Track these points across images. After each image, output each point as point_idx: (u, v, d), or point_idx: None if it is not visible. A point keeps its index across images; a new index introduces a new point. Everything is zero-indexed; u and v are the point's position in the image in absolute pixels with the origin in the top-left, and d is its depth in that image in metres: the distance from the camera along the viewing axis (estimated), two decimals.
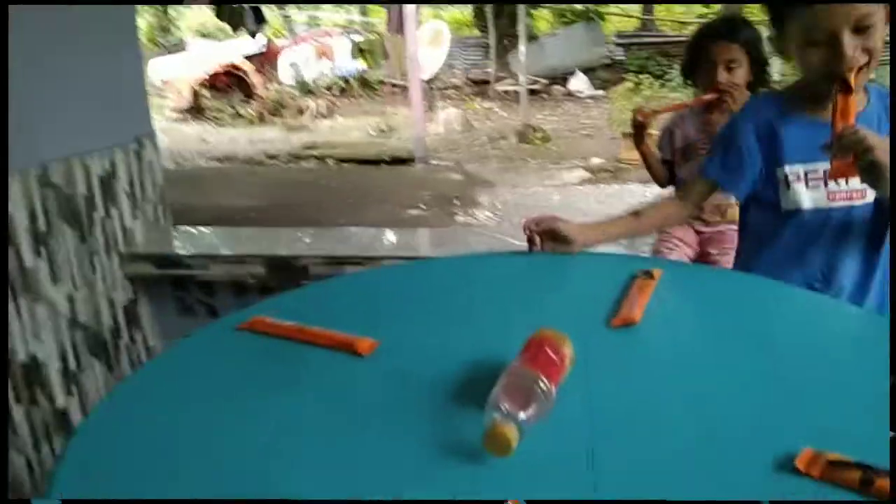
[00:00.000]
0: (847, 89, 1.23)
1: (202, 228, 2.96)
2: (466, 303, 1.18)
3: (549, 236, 1.34)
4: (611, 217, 1.46)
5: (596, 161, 7.86)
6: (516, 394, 0.78)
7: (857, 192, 1.35)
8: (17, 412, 2.05)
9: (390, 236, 2.71)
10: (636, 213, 1.44)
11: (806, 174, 1.37)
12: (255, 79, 11.76)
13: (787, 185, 1.37)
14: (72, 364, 2.24)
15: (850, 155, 1.18)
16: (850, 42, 1.22)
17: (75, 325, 2.25)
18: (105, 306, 2.38)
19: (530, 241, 1.35)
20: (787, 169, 1.37)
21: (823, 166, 1.33)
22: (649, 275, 1.23)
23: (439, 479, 0.70)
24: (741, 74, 1.98)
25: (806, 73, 1.35)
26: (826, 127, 1.25)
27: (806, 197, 1.37)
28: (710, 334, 1.05)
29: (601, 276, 1.27)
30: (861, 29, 1.22)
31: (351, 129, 10.77)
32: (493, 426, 0.73)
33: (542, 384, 0.80)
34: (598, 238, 1.38)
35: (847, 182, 1.33)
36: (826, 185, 1.35)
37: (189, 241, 2.64)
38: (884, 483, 0.66)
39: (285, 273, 2.38)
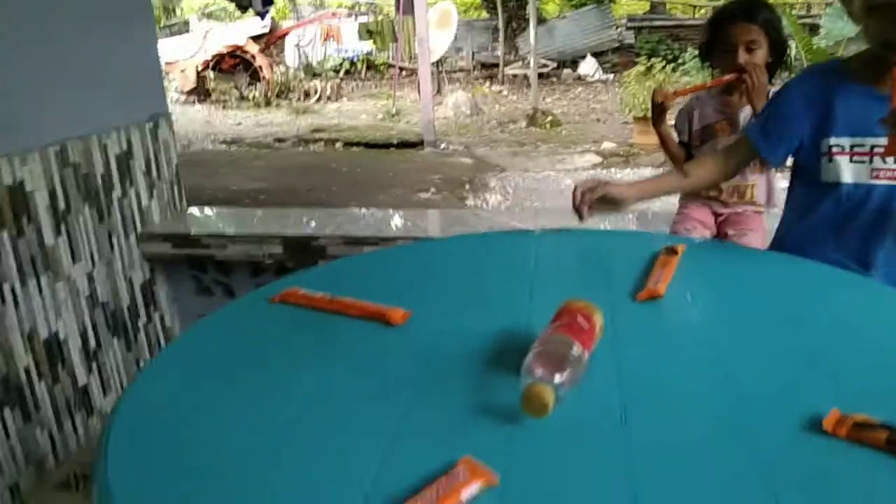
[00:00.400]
0: None
1: (216, 209, 2.98)
2: (494, 277, 1.19)
3: (599, 200, 1.29)
4: (655, 175, 1.45)
5: (608, 145, 7.83)
6: (550, 359, 0.80)
7: None
8: (40, 389, 2.08)
9: (402, 218, 2.71)
10: (684, 171, 1.42)
11: (852, 147, 1.31)
12: (261, 61, 11.73)
13: (830, 157, 1.32)
14: (91, 342, 2.27)
15: None
16: None
17: (95, 303, 2.27)
18: (123, 285, 2.40)
19: (579, 208, 1.29)
20: (833, 140, 1.32)
21: (872, 141, 1.28)
22: (672, 251, 1.25)
23: (477, 442, 0.71)
24: (761, 55, 1.97)
25: (867, 41, 1.28)
26: (883, 100, 1.19)
27: (847, 170, 1.31)
28: (733, 307, 1.07)
29: (625, 253, 1.28)
30: None
31: (358, 112, 10.76)
32: (531, 387, 0.75)
33: (575, 349, 0.81)
34: (644, 195, 1.34)
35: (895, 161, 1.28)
36: (871, 161, 1.29)
37: (203, 221, 2.66)
38: None
39: (303, 253, 2.39)
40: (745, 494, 0.64)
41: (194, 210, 2.75)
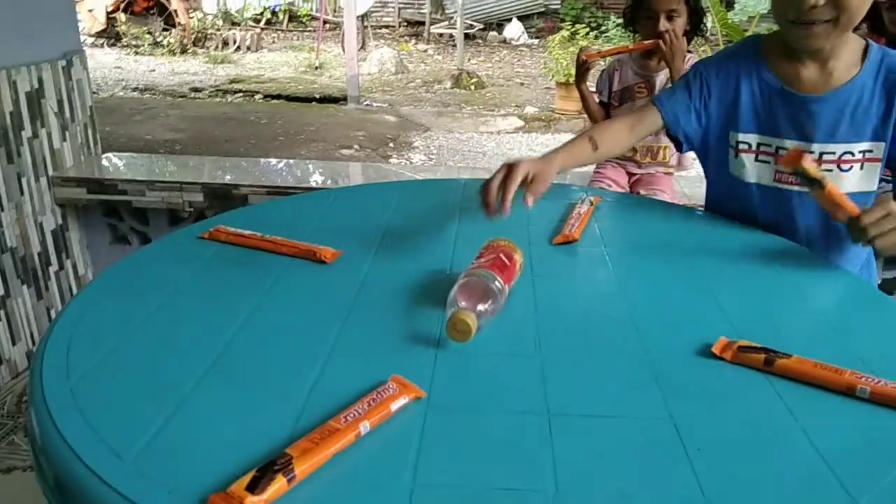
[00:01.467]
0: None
1: (133, 155, 2.88)
2: (421, 221, 1.23)
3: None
4: (568, 146, 1.25)
5: (530, 110, 7.95)
6: (474, 290, 0.86)
7: None
8: None
9: (324, 170, 2.71)
10: (593, 143, 1.24)
11: (759, 145, 1.25)
12: (176, 5, 11.16)
13: (737, 153, 1.27)
14: (0, 289, 2.19)
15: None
16: None
17: (3, 248, 2.18)
18: (34, 231, 2.31)
19: (501, 206, 1.07)
20: (741, 136, 1.25)
21: (778, 143, 1.22)
22: (589, 202, 1.32)
23: (406, 364, 0.77)
24: (680, 24, 2.08)
25: (775, 18, 1.17)
26: (794, 100, 1.17)
27: (752, 169, 1.26)
28: (639, 250, 1.16)
29: (545, 203, 1.35)
30: None
31: (279, 64, 10.46)
32: (455, 314, 0.80)
33: (496, 283, 0.88)
34: (561, 168, 1.20)
35: None
36: (776, 163, 1.23)
37: (120, 167, 2.57)
38: (782, 363, 0.78)
39: (224, 202, 2.36)
40: (643, 404, 0.72)
41: (110, 156, 2.65)
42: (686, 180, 2.42)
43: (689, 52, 2.22)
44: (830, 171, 1.19)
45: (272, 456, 0.60)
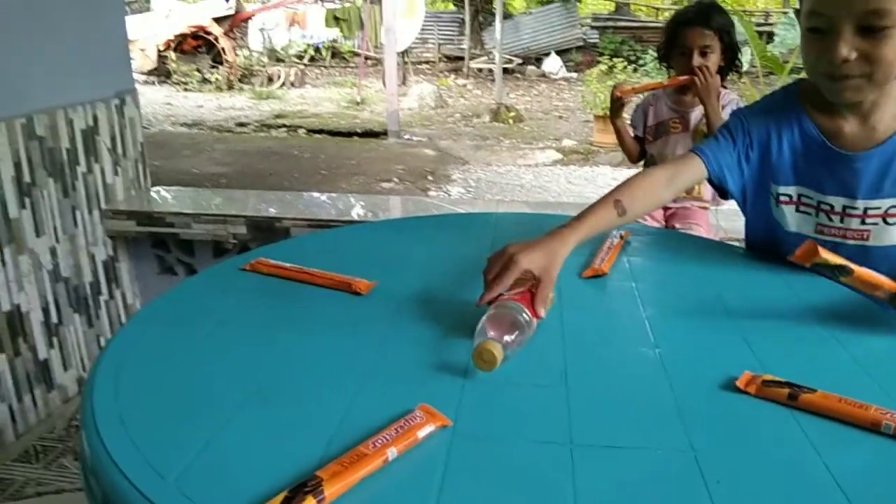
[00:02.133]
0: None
1: (181, 189, 2.99)
2: (454, 253, 1.27)
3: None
4: (590, 213, 1.12)
5: (568, 143, 7.99)
6: (501, 322, 0.89)
7: (853, 232, 1.19)
8: (1, 361, 2.09)
9: (365, 203, 2.78)
10: (620, 208, 1.14)
11: (800, 197, 1.22)
12: (224, 43, 11.58)
13: (778, 203, 1.25)
14: (53, 317, 2.29)
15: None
16: (848, 38, 1.02)
17: (57, 278, 2.29)
18: (86, 261, 2.42)
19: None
20: (781, 189, 1.24)
21: (820, 197, 1.19)
22: (619, 236, 1.34)
23: (433, 393, 0.79)
24: (714, 59, 2.10)
25: (807, 72, 1.16)
26: (843, 158, 1.14)
27: (791, 221, 1.24)
28: (669, 285, 1.18)
29: None
30: (868, 29, 1.01)
31: (322, 99, 10.73)
32: (482, 344, 0.83)
33: (525, 315, 0.90)
34: (579, 242, 1.08)
35: (842, 221, 1.19)
36: (817, 215, 1.21)
37: (168, 200, 2.68)
38: (807, 397, 0.78)
39: (267, 234, 2.44)
40: (665, 436, 0.74)
41: (159, 189, 2.76)
42: (722, 213, 2.42)
43: (725, 87, 2.23)
44: (876, 224, 1.17)
45: (303, 478, 0.64)
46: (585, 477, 0.67)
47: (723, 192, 1.29)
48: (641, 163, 2.38)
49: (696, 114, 2.21)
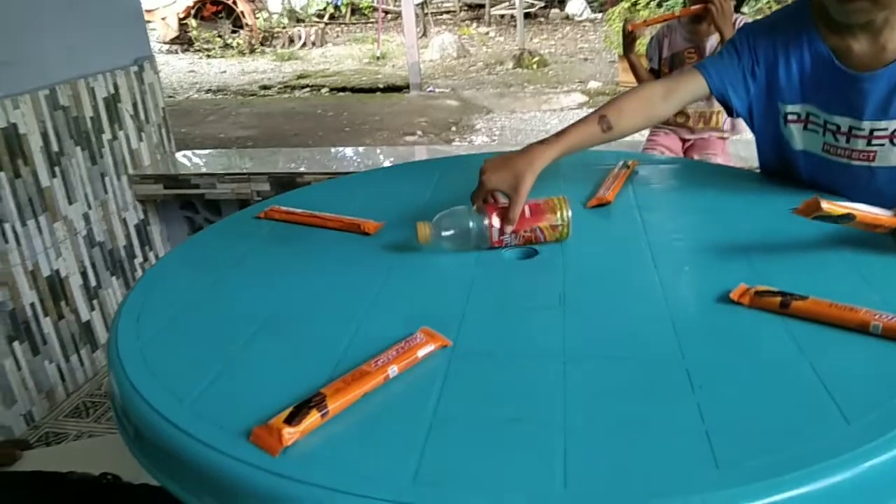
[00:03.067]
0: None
1: (204, 151, 3.05)
2: (459, 190, 1.29)
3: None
4: (573, 127, 1.14)
5: (594, 84, 7.84)
6: (449, 214, 1.04)
7: (858, 153, 1.17)
8: (46, 324, 2.20)
9: (387, 154, 2.80)
10: (604, 124, 1.14)
11: (808, 115, 1.21)
12: (243, 7, 11.53)
13: (785, 121, 1.23)
14: (92, 280, 2.38)
15: None
16: None
17: (92, 243, 2.37)
18: (119, 226, 2.50)
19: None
20: (788, 107, 1.22)
21: (826, 117, 1.17)
22: (626, 165, 1.35)
23: (434, 318, 0.82)
24: None
25: None
26: (850, 78, 1.11)
27: (799, 139, 1.23)
28: (673, 210, 1.19)
29: (582, 168, 1.38)
30: None
31: (344, 57, 10.67)
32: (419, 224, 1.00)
33: (472, 219, 1.03)
34: (563, 153, 1.12)
35: (848, 141, 1.17)
36: (824, 134, 1.19)
37: (192, 163, 2.74)
38: (797, 304, 0.80)
39: (289, 189, 2.48)
40: (657, 348, 0.77)
41: (184, 152, 2.82)
42: (743, 143, 2.38)
43: (743, 13, 2.18)
44: (882, 145, 1.15)
45: (309, 395, 0.68)
46: (575, 386, 0.70)
47: (729, 109, 1.28)
48: None
49: (712, 42, 2.17)
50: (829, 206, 0.93)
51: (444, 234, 1.02)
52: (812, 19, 1.18)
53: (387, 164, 2.60)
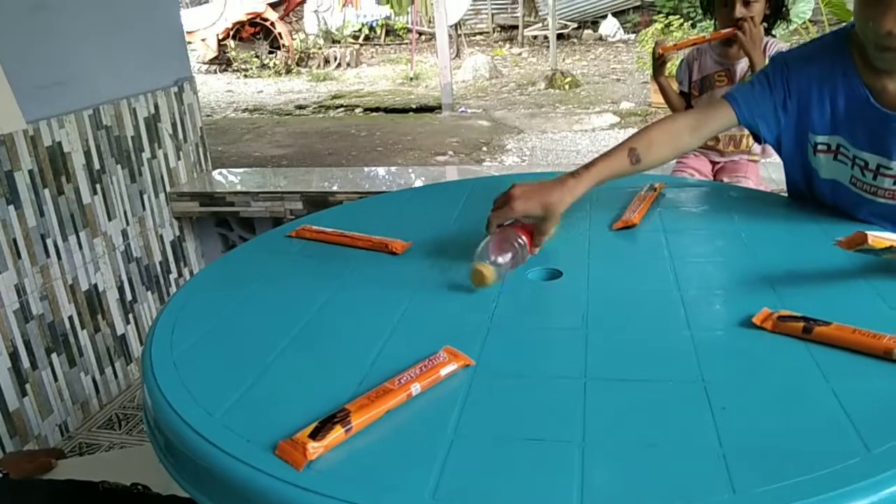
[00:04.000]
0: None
1: (240, 170, 3.12)
2: (486, 212, 1.31)
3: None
4: (602, 160, 1.15)
5: (626, 105, 7.84)
6: (498, 244, 1.02)
7: (884, 191, 1.17)
8: (83, 337, 2.26)
9: (418, 173, 2.84)
10: (633, 157, 1.15)
11: (838, 147, 1.20)
12: (280, 28, 11.79)
13: (815, 151, 1.22)
14: (128, 294, 2.45)
15: None
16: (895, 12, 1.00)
17: (130, 258, 2.44)
18: (155, 242, 2.57)
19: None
20: (819, 138, 1.21)
21: (856, 152, 1.16)
22: (653, 188, 1.36)
23: (458, 337, 0.84)
24: (758, 9, 2.04)
25: (858, 32, 1.12)
26: (883, 116, 1.10)
27: (828, 169, 1.22)
28: (698, 233, 1.19)
29: (609, 190, 1.39)
30: None
31: (378, 77, 10.82)
32: (475, 266, 0.97)
33: (520, 239, 1.02)
34: (590, 186, 1.13)
35: (875, 179, 1.16)
36: (852, 168, 1.18)
37: (228, 181, 2.81)
38: (821, 330, 0.80)
39: (322, 208, 2.52)
40: (677, 370, 0.77)
41: (220, 171, 2.90)
42: (773, 166, 2.37)
43: (773, 36, 2.17)
44: None
45: (334, 411, 0.70)
46: (595, 405, 0.71)
47: (757, 138, 1.28)
48: None
49: (742, 66, 2.16)
50: (875, 239, 0.92)
51: (501, 261, 1.00)
52: (850, 53, 1.17)
53: (418, 183, 2.63)
